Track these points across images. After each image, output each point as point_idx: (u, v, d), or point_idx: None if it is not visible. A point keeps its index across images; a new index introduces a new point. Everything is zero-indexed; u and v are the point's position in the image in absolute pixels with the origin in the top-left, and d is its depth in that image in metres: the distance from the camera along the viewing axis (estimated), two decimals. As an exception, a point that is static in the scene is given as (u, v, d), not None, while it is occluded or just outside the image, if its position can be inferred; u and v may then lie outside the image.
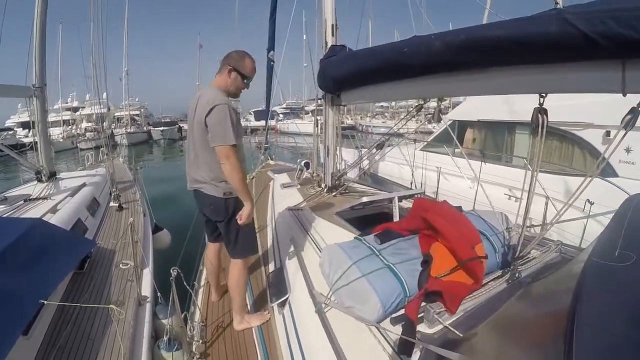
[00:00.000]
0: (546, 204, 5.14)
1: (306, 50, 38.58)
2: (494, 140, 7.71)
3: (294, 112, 45.91)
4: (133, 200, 6.21)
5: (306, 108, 48.10)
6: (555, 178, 5.68)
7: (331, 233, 3.57)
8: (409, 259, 2.50)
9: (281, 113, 45.51)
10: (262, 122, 13.33)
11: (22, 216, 4.50)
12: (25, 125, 40.78)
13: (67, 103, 45.76)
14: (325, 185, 5.27)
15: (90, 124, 36.76)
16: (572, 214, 5.10)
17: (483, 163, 6.22)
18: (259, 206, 5.32)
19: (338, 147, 5.35)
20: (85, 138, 32.08)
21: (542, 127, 2.36)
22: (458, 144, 6.89)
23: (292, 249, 3.58)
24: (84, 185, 5.99)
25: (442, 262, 2.47)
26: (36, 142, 6.26)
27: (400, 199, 4.02)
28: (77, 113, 41.85)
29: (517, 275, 2.55)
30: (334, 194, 5.14)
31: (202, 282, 3.97)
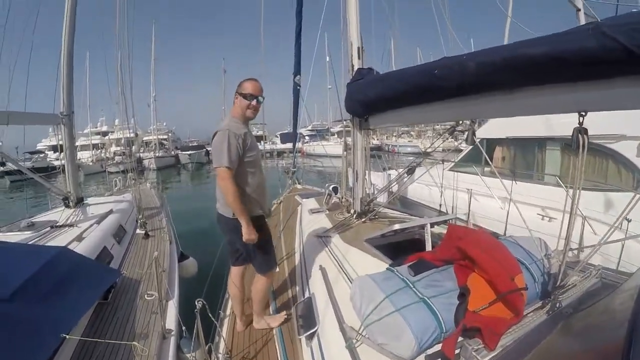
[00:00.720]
0: (582, 224, 4.92)
1: (330, 71, 38.86)
2: (524, 158, 7.48)
3: (320, 134, 45.91)
4: (159, 228, 6.16)
5: (332, 130, 48.15)
6: (588, 194, 5.43)
7: (361, 262, 3.45)
8: (445, 291, 2.34)
9: (307, 135, 45.59)
10: (288, 145, 13.31)
11: (48, 243, 4.48)
12: (55, 148, 41.95)
13: (96, 127, 46.84)
14: (355, 211, 5.13)
15: (119, 148, 37.43)
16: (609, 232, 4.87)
17: (514, 182, 6.01)
18: (287, 232, 5.20)
19: (367, 172, 5.21)
20: (114, 162, 32.60)
21: (583, 148, 2.24)
22: (489, 160, 6.69)
23: (320, 277, 3.43)
24: (110, 212, 5.97)
25: (479, 294, 2.30)
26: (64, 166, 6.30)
27: (433, 225, 3.85)
28: (107, 137, 42.69)
29: (557, 305, 2.36)
30: (363, 220, 4.98)
31: (228, 312, 3.86)
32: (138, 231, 5.84)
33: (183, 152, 39.60)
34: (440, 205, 7.51)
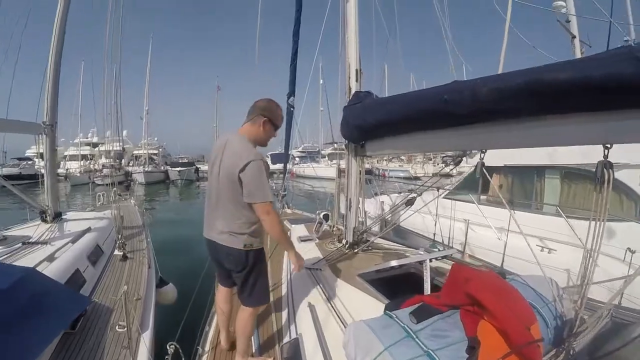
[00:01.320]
0: (588, 258, 4.68)
1: (323, 94, 39.19)
2: (522, 186, 7.27)
3: (311, 156, 45.87)
4: (139, 250, 5.82)
5: (322, 152, 48.14)
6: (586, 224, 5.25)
7: (355, 300, 3.24)
8: (452, 342, 2.06)
9: (297, 156, 45.49)
10: (279, 165, 13.07)
11: (17, 262, 4.14)
12: (44, 157, 41.36)
13: (87, 138, 46.44)
14: (347, 242, 4.88)
15: (107, 161, 37.14)
16: (612, 264, 4.67)
17: (513, 211, 5.80)
18: (274, 260, 4.92)
19: (361, 200, 4.97)
20: (102, 174, 32.27)
21: (609, 183, 2.10)
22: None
23: (309, 316, 3.15)
24: (88, 229, 5.63)
25: (491, 346, 2.02)
26: (59, 174, 6.02)
27: (431, 260, 3.60)
28: (96, 149, 42.32)
29: (571, 352, 2.13)
30: (355, 250, 4.74)
31: (207, 347, 3.52)
32: (116, 252, 5.51)
33: (173, 169, 39.30)
34: (435, 234, 7.26)
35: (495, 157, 7.44)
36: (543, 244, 5.82)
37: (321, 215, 5.90)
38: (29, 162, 37.20)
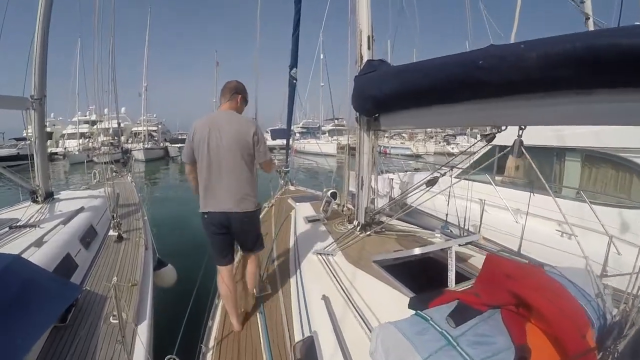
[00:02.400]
0: (609, 245, 4.37)
1: (324, 69, 38.64)
2: (540, 168, 6.85)
3: (310, 132, 45.34)
4: (135, 229, 5.46)
5: (323, 128, 47.63)
6: (611, 211, 5.07)
7: (373, 290, 2.97)
8: (498, 350, 1.75)
9: (298, 132, 44.95)
10: (278, 142, 12.66)
11: (3, 248, 3.81)
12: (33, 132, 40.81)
13: (85, 116, 45.87)
14: (358, 223, 4.56)
15: (106, 138, 36.65)
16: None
17: (532, 194, 5.45)
18: (280, 241, 4.60)
19: (373, 178, 4.62)
20: (101, 152, 31.85)
21: None
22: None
23: (324, 310, 2.83)
24: (81, 209, 5.30)
25: (543, 356, 1.73)
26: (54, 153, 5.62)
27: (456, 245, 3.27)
28: (95, 126, 41.85)
29: (616, 355, 1.84)
30: (368, 233, 4.43)
31: (211, 344, 3.15)
32: (111, 232, 5.16)
33: (172, 145, 38.71)
34: (447, 215, 6.92)
35: (513, 136, 7.07)
36: (562, 228, 5.51)
37: (329, 194, 5.56)
38: (27, 142, 36.66)
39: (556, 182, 6.34)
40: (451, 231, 5.27)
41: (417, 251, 3.26)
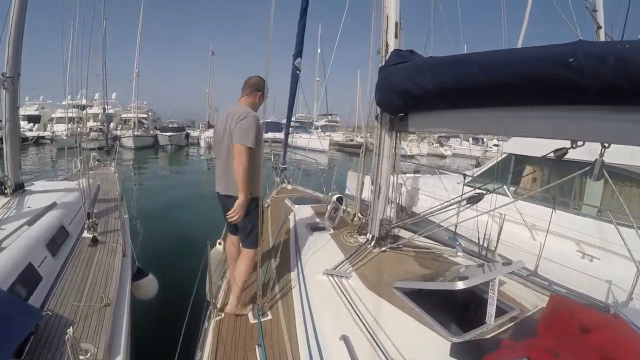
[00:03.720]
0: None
1: (320, 63, 38.21)
2: (559, 183, 6.31)
3: (303, 127, 44.70)
4: (113, 231, 4.76)
5: (316, 123, 47.13)
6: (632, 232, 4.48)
7: (402, 327, 2.54)
8: None
9: (290, 126, 44.31)
10: (270, 135, 12.04)
11: None
12: (31, 118, 39.88)
13: (75, 100, 44.82)
14: (372, 237, 3.97)
15: (96, 124, 35.73)
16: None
17: (554, 211, 4.90)
18: (280, 252, 3.99)
19: (392, 187, 4.04)
20: (89, 138, 31.08)
21: None
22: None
23: (345, 353, 2.26)
24: (53, 206, 4.61)
25: None
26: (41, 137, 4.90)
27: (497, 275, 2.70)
28: (84, 111, 40.89)
29: None
30: (383, 249, 3.86)
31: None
32: (85, 234, 4.49)
33: (163, 133, 37.82)
34: (456, 226, 6.34)
35: (532, 146, 6.51)
36: (582, 249, 5.07)
37: (334, 199, 4.96)
38: (-3, 126, 35.70)
39: (576, 198, 5.85)
40: (460, 243, 4.75)
41: (461, 285, 2.65)
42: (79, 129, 32.89)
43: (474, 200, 3.31)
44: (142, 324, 3.97)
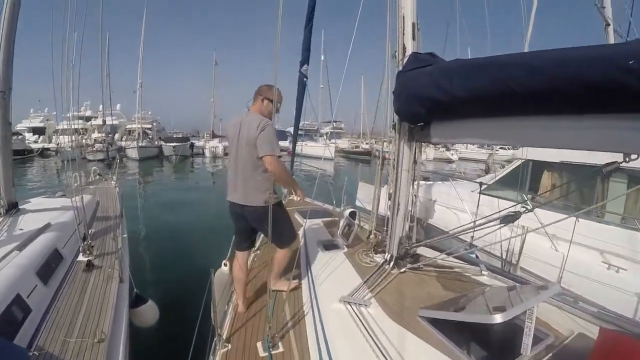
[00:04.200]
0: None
1: (324, 70, 38.12)
2: (579, 189, 6.03)
3: (308, 135, 44.41)
4: (110, 253, 4.42)
5: (321, 130, 46.93)
6: None
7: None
8: None
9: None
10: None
11: None
12: (36, 130, 39.99)
13: (79, 112, 44.81)
14: (391, 256, 3.66)
15: (100, 135, 35.69)
16: None
17: (577, 220, 4.58)
18: (291, 273, 3.70)
19: (412, 202, 3.73)
20: (94, 149, 30.96)
21: None
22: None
23: None
24: (47, 227, 4.30)
25: None
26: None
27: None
28: (89, 123, 40.82)
29: None
30: (402, 270, 3.54)
31: None
32: (80, 257, 4.15)
33: (167, 144, 37.66)
34: (472, 237, 6.01)
35: (549, 151, 6.18)
36: (607, 260, 4.74)
37: (347, 214, 4.65)
38: (19, 137, 35.64)
39: (598, 204, 5.47)
40: (476, 255, 4.74)
41: (499, 319, 2.32)
42: (86, 141, 32.82)
43: (509, 219, 2.97)
44: (141, 354, 3.69)
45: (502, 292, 2.82)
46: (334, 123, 43.69)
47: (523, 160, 6.69)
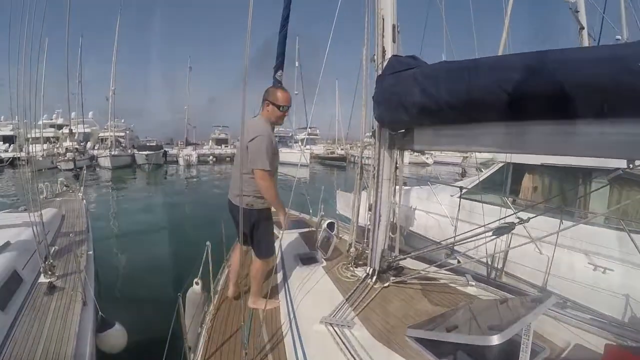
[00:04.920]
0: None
1: (298, 76, 38.24)
2: (561, 191, 5.99)
3: (282, 141, 44.23)
4: (75, 273, 4.01)
5: (296, 137, 46.87)
6: None
7: None
8: None
9: (273, 141, 44.06)
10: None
11: None
12: (6, 138, 38.94)
13: (51, 120, 43.72)
14: (373, 270, 3.49)
15: (72, 144, 34.93)
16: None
17: (561, 222, 4.51)
18: (268, 290, 3.49)
19: (395, 213, 3.56)
20: (66, 158, 30.29)
21: None
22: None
23: None
24: (6, 246, 4.00)
25: None
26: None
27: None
28: (61, 131, 39.93)
29: None
30: (386, 284, 3.38)
31: None
32: (42, 279, 3.87)
33: (140, 152, 37.06)
34: (453, 244, 5.88)
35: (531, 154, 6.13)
36: (592, 261, 4.67)
37: (325, 225, 4.46)
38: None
39: (581, 206, 5.53)
40: (458, 260, 4.36)
41: (495, 340, 2.13)
42: (57, 149, 32.11)
43: (503, 231, 2.82)
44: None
45: (494, 307, 2.69)
46: (309, 129, 43.64)
47: (504, 163, 6.61)
